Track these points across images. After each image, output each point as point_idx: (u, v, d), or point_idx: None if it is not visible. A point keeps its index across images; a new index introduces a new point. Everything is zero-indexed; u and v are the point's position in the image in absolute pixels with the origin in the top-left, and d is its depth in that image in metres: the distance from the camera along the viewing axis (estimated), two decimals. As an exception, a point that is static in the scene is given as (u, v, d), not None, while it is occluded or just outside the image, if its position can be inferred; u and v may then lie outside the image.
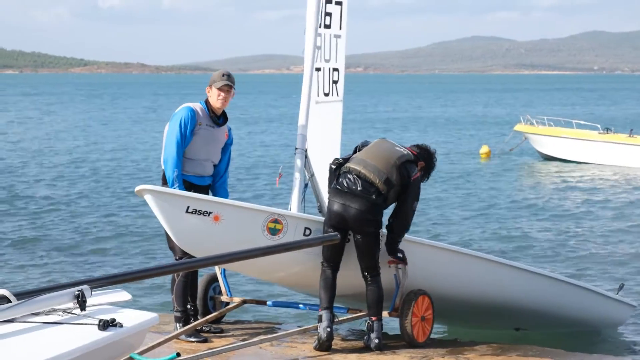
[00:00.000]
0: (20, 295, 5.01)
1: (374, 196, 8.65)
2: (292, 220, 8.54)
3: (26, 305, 4.94)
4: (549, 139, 35.63)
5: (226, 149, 9.27)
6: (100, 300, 5.31)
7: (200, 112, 8.99)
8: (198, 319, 9.29)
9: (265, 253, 6.57)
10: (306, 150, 9.24)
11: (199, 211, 8.26)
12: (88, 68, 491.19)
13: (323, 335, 8.68)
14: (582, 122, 37.18)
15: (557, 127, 36.57)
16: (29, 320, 4.95)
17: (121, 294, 5.48)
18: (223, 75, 9.13)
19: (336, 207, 8.63)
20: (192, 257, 8.71)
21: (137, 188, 8.38)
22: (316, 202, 9.51)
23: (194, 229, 8.30)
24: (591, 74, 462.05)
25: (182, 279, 9.00)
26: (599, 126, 35.83)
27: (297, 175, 9.18)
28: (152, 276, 8.10)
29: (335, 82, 10.09)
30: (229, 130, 9.30)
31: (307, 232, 8.60)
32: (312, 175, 9.41)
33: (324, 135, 9.73)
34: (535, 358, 9.06)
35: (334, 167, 8.88)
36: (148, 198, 8.30)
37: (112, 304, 5.33)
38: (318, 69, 9.82)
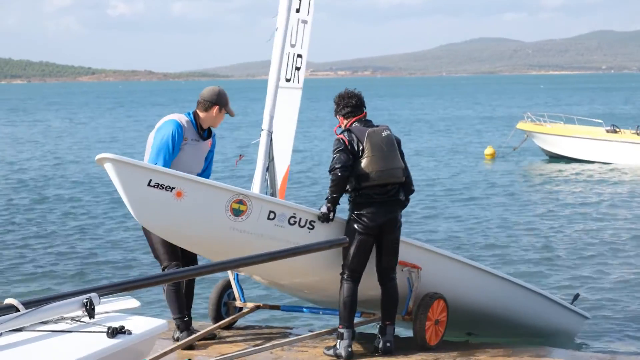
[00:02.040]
0: (28, 304, 5.00)
1: (402, 194, 8.69)
2: (257, 202, 8.13)
3: (35, 313, 4.93)
4: (556, 138, 35.46)
5: (208, 156, 9.10)
6: (108, 307, 5.29)
7: (186, 126, 8.76)
8: (192, 328, 9.21)
9: (272, 258, 6.53)
10: (272, 133, 9.07)
11: (161, 185, 7.79)
12: (96, 76, 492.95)
13: (343, 353, 8.61)
14: (584, 118, 37.05)
15: (562, 125, 36.40)
16: (37, 328, 4.95)
17: (130, 301, 5.46)
18: (228, 99, 9.01)
19: (372, 217, 8.48)
20: (180, 266, 8.65)
21: (98, 156, 7.80)
22: (269, 188, 9.25)
23: (155, 204, 7.84)
24: (599, 74, 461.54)
25: (171, 287, 8.85)
26: (602, 122, 35.71)
27: (261, 156, 8.94)
28: (161, 283, 8.09)
29: (297, 68, 9.82)
30: (213, 136, 9.12)
31: (272, 215, 8.15)
32: (272, 159, 9.18)
33: (278, 121, 9.43)
34: (546, 358, 9.02)
35: (345, 176, 8.42)
36: (108, 167, 7.76)
37: (120, 311, 5.31)
38: None
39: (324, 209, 8.46)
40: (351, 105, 8.78)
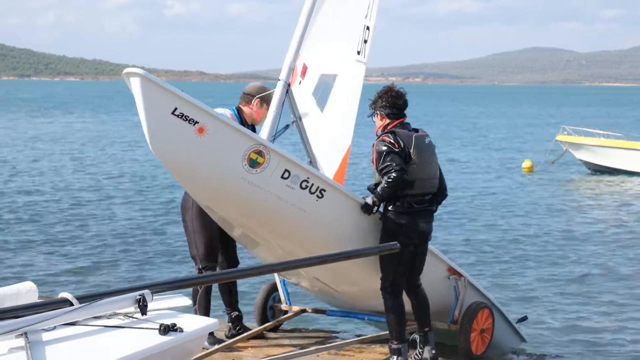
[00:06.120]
0: (82, 299, 5.05)
1: (434, 204, 8.48)
2: (276, 156, 7.61)
3: (88, 308, 4.98)
4: (601, 150, 34.76)
5: None
6: (160, 305, 5.33)
7: (231, 119, 8.49)
8: (243, 324, 9.28)
9: (322, 262, 6.54)
10: (289, 85, 8.47)
11: (185, 117, 7.22)
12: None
13: None
14: (615, 134, 36.25)
15: (604, 138, 35.72)
16: (90, 323, 4.99)
17: (181, 299, 5.50)
18: (269, 93, 8.75)
19: (414, 226, 8.22)
20: (214, 269, 8.63)
21: (126, 70, 7.22)
22: (306, 155, 8.86)
23: (173, 135, 7.27)
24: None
25: (204, 289, 8.80)
26: None
27: (273, 106, 8.40)
28: (213, 282, 8.14)
29: (365, 41, 9.32)
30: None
31: (286, 174, 7.68)
32: (299, 119, 8.76)
33: (341, 97, 9.14)
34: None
35: (402, 178, 8.06)
36: (134, 83, 7.12)
37: (172, 309, 5.35)
38: None
39: (369, 200, 8.12)
40: (397, 106, 8.35)
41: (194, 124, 7.25)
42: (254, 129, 8.87)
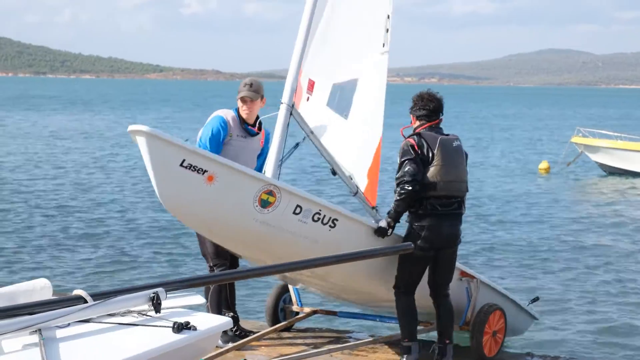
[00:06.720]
0: (96, 296, 5.07)
1: (463, 208, 8.43)
2: (287, 195, 7.62)
3: (102, 305, 4.99)
4: (617, 152, 34.45)
5: (262, 155, 8.85)
6: (174, 303, 5.33)
7: (231, 122, 8.63)
8: (240, 326, 9.26)
9: (339, 261, 6.54)
10: (293, 106, 8.30)
11: (194, 167, 7.22)
12: (164, 74, 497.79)
13: None
14: (628, 136, 35.96)
15: (620, 141, 35.42)
16: (104, 320, 5.00)
17: (195, 298, 5.51)
18: (245, 84, 8.75)
19: (436, 230, 8.15)
20: (227, 265, 8.65)
21: (131, 127, 7.18)
22: (329, 165, 8.66)
23: (183, 186, 7.27)
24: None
25: (216, 287, 8.78)
26: None
27: (277, 132, 8.20)
28: (226, 281, 8.16)
29: (387, 30, 8.97)
30: (267, 134, 8.89)
31: (298, 210, 7.69)
32: (311, 133, 8.56)
33: (368, 88, 8.88)
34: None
35: (415, 190, 8.05)
36: (140, 141, 7.10)
37: (186, 307, 5.36)
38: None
39: (382, 224, 8.12)
40: (427, 109, 8.37)
41: (203, 173, 7.28)
42: (260, 126, 8.86)
